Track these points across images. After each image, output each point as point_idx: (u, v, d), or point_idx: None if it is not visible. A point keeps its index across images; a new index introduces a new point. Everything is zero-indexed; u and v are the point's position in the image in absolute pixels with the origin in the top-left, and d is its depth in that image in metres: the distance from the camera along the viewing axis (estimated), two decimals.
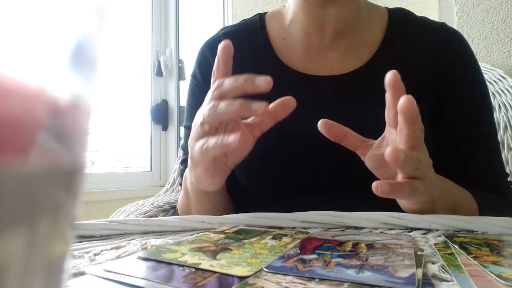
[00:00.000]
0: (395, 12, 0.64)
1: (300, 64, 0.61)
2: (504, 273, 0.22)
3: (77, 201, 0.10)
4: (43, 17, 0.09)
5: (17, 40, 0.08)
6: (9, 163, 0.08)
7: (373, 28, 0.62)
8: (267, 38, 0.64)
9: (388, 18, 0.63)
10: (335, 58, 0.61)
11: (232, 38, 0.65)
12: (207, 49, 0.66)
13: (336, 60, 0.61)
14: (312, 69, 0.61)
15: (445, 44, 0.60)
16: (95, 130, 1.69)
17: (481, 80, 0.61)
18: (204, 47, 0.67)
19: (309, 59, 0.61)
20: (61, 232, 0.10)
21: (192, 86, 0.67)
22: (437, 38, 0.61)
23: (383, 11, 0.65)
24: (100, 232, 0.37)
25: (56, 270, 0.10)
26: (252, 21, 0.67)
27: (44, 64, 0.09)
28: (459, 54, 0.60)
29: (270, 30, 0.65)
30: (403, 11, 0.65)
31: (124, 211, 0.73)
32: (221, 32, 0.67)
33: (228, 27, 0.69)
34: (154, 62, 1.95)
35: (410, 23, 0.63)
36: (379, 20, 0.63)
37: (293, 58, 0.62)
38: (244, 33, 0.66)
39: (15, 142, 0.08)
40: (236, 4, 1.71)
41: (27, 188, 0.08)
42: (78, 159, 0.10)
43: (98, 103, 0.14)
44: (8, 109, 0.08)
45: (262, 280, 0.22)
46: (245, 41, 0.64)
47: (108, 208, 1.03)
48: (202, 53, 0.67)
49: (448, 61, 0.59)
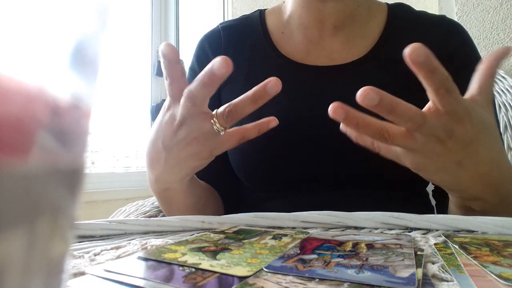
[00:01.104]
0: (395, 6, 0.65)
1: (300, 56, 0.62)
2: (504, 273, 0.22)
3: (77, 201, 0.10)
4: (43, 16, 0.09)
5: (17, 40, 0.08)
6: (9, 163, 0.08)
7: (373, 21, 0.63)
8: (267, 31, 0.65)
9: (388, 11, 0.64)
10: (334, 50, 0.61)
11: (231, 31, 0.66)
12: (205, 42, 0.67)
13: (335, 51, 0.61)
14: (312, 60, 0.61)
15: (445, 35, 0.60)
16: (95, 130, 1.69)
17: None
18: (202, 40, 0.68)
19: (308, 51, 0.62)
20: (61, 232, 0.10)
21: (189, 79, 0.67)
22: (437, 29, 0.61)
23: (383, 5, 0.65)
24: (100, 232, 0.37)
25: (56, 270, 0.10)
26: (252, 16, 0.68)
27: (44, 64, 0.09)
28: (459, 45, 0.60)
29: (270, 24, 0.66)
30: (403, 5, 0.65)
31: (124, 211, 0.73)
32: (221, 26, 0.68)
33: (228, 21, 0.70)
34: (154, 62, 1.95)
35: (410, 16, 0.63)
36: (379, 13, 0.63)
37: (292, 51, 0.62)
38: (244, 27, 0.66)
39: (15, 142, 0.08)
40: (236, 4, 1.71)
41: (27, 188, 0.08)
42: (78, 159, 0.10)
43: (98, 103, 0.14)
44: (8, 110, 0.08)
45: (262, 280, 0.22)
46: (245, 35, 0.65)
47: (108, 208, 1.04)
48: (200, 46, 0.67)
49: (449, 52, 0.59)
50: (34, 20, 0.08)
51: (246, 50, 0.64)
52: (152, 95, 1.95)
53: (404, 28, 0.61)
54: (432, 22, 0.62)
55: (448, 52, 0.59)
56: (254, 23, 0.66)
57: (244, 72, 0.62)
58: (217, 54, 0.64)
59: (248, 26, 0.66)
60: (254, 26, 0.66)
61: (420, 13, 0.64)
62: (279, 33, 0.64)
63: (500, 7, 1.22)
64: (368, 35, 0.61)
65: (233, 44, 0.65)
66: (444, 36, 0.60)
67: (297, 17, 0.63)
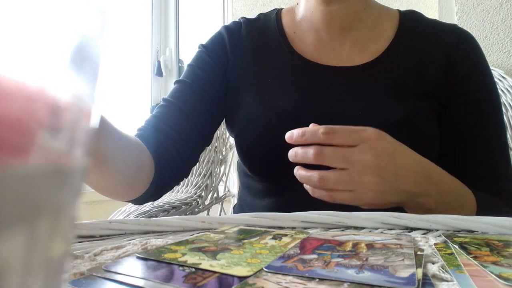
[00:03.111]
0: (407, 13, 0.67)
1: (311, 55, 0.64)
2: (504, 273, 0.22)
3: (77, 201, 0.10)
4: (43, 17, 0.09)
5: (18, 40, 0.08)
6: (9, 163, 0.08)
7: (383, 26, 0.64)
8: (282, 29, 0.68)
9: (400, 18, 0.66)
10: (343, 51, 0.63)
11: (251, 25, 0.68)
12: (225, 30, 0.69)
13: (344, 53, 0.63)
14: (323, 60, 0.63)
15: (455, 44, 0.61)
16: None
17: (490, 81, 0.62)
18: (223, 28, 0.70)
19: (319, 52, 0.64)
20: (61, 232, 0.10)
21: (200, 53, 0.69)
22: (447, 38, 0.62)
23: (394, 12, 0.67)
24: (100, 232, 0.37)
25: (56, 270, 0.10)
26: (270, 14, 0.71)
27: (45, 64, 0.09)
28: (468, 54, 0.61)
29: (284, 23, 0.68)
30: (415, 13, 0.67)
31: (124, 211, 0.73)
32: (242, 19, 0.71)
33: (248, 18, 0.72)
34: (154, 62, 1.95)
35: (421, 24, 0.64)
36: (389, 18, 0.65)
37: (305, 50, 0.65)
38: (262, 23, 0.70)
39: (15, 142, 0.08)
40: (236, 4, 1.71)
41: (27, 188, 0.08)
42: (78, 159, 0.10)
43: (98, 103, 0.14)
44: (8, 110, 0.08)
45: (262, 280, 0.22)
46: (262, 30, 0.68)
47: (108, 208, 1.03)
48: (219, 33, 0.70)
49: (457, 60, 0.60)
50: (34, 20, 0.08)
51: (262, 44, 0.66)
52: (152, 95, 1.95)
53: (415, 35, 0.63)
54: (443, 31, 0.63)
55: (456, 60, 0.60)
56: (272, 21, 0.69)
57: (258, 65, 0.64)
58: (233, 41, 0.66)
59: (266, 23, 0.69)
60: (271, 23, 0.68)
61: (432, 21, 0.66)
62: (291, 32, 0.67)
63: (500, 7, 1.22)
64: (378, 39, 0.63)
65: (250, 36, 0.68)
66: (454, 44, 0.61)
67: (308, 20, 0.65)
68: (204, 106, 0.63)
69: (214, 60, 0.66)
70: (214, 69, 0.65)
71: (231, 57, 0.66)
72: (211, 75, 0.65)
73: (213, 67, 0.65)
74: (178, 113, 0.60)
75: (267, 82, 0.62)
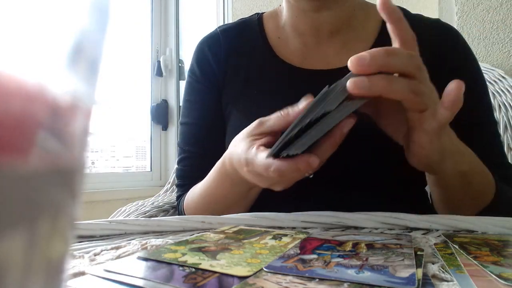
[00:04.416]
0: None
1: (297, 60, 0.62)
2: (504, 273, 0.22)
3: (77, 201, 0.10)
4: (43, 16, 0.09)
5: (17, 39, 0.08)
6: (9, 163, 0.08)
7: (368, 25, 0.63)
8: (265, 35, 0.65)
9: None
10: (330, 54, 0.62)
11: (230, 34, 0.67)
12: (205, 45, 0.68)
13: (331, 55, 0.62)
14: (308, 65, 0.62)
15: (439, 38, 0.61)
16: (95, 130, 1.68)
17: (477, 72, 0.62)
18: (201, 43, 0.69)
19: (305, 56, 0.63)
20: (61, 232, 0.10)
21: (191, 82, 0.68)
22: (431, 32, 0.61)
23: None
24: (100, 232, 0.37)
25: (56, 270, 0.10)
26: (250, 19, 0.69)
27: (44, 64, 0.09)
28: (453, 48, 0.61)
29: (267, 28, 0.66)
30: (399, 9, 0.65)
31: (124, 211, 0.73)
32: (219, 30, 0.68)
33: (226, 24, 0.71)
34: (154, 62, 1.95)
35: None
36: (374, 17, 0.64)
37: (289, 55, 0.63)
38: (242, 31, 0.67)
39: (15, 142, 0.08)
40: (236, 4, 1.71)
41: (27, 188, 0.08)
42: (78, 159, 0.10)
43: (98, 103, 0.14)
44: (8, 109, 0.08)
45: (262, 280, 0.22)
46: (243, 38, 0.66)
47: (108, 208, 1.03)
48: (200, 50, 0.68)
49: (442, 55, 0.60)
50: (34, 20, 0.08)
51: (245, 54, 0.65)
52: (152, 95, 1.95)
53: None
54: (426, 26, 0.62)
55: (441, 54, 0.59)
56: (253, 27, 0.67)
57: (243, 75, 0.63)
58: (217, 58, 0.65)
59: (246, 29, 0.67)
60: (253, 30, 0.66)
61: (415, 16, 0.65)
62: (275, 38, 0.65)
63: (500, 7, 1.22)
64: (364, 39, 0.62)
65: (232, 47, 0.66)
66: (437, 38, 0.61)
67: (291, 25, 0.63)
68: (217, 136, 0.64)
69: (205, 85, 0.66)
70: (207, 94, 0.65)
71: (217, 72, 0.65)
72: (209, 104, 0.65)
73: (206, 92, 0.65)
74: (200, 160, 0.64)
75: (252, 92, 0.61)
